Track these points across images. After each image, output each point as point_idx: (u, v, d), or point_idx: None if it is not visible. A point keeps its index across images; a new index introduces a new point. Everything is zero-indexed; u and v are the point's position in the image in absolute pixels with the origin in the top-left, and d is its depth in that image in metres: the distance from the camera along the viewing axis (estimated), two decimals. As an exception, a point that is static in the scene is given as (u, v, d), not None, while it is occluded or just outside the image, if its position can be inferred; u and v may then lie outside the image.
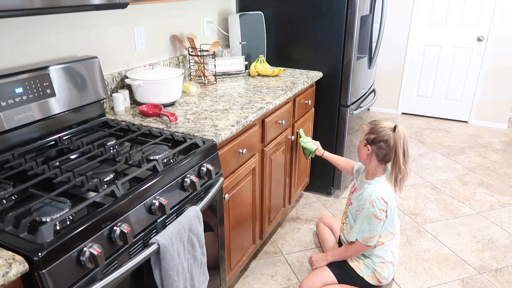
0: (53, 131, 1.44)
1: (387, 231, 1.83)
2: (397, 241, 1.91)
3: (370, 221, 1.75)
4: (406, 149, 1.73)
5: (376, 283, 1.88)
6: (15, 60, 1.42)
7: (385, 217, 1.75)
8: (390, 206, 1.75)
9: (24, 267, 0.82)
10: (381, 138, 1.74)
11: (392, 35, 4.42)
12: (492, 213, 2.68)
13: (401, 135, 1.71)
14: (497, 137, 4.00)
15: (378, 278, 1.87)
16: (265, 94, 2.05)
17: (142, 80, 1.74)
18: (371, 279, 1.87)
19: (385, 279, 1.88)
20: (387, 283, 1.92)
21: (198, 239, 1.31)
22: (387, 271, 1.86)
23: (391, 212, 1.77)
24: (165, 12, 2.10)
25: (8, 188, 1.09)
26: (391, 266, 1.87)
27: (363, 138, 1.83)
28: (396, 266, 1.93)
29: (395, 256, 1.89)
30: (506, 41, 3.97)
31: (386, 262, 1.86)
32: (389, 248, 1.86)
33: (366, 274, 1.86)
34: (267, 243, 2.37)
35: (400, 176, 1.75)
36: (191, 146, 1.41)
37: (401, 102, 4.66)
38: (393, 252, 1.88)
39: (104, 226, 0.99)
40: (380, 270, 1.86)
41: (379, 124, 1.78)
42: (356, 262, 1.89)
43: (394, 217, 1.84)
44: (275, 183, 2.23)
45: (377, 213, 1.73)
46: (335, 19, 2.44)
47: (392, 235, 1.86)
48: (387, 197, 1.75)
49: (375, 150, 1.77)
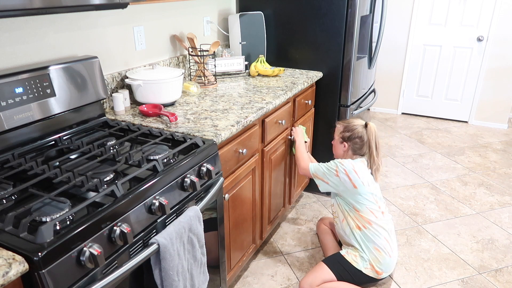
0: (53, 131, 1.44)
1: (366, 208, 1.90)
2: (388, 233, 1.92)
3: (330, 167, 1.95)
4: (377, 143, 1.97)
5: (375, 274, 1.89)
6: (15, 60, 1.42)
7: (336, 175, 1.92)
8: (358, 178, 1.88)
9: (24, 267, 0.82)
10: (356, 135, 1.97)
11: (392, 35, 4.42)
12: (492, 213, 2.68)
13: (373, 131, 1.95)
14: (497, 137, 4.00)
15: (376, 267, 1.88)
16: (265, 94, 2.05)
17: (142, 80, 1.74)
18: (369, 271, 1.89)
19: (383, 268, 1.89)
20: (385, 275, 1.92)
21: (198, 239, 1.31)
22: (383, 260, 1.88)
23: (361, 186, 1.88)
24: (165, 12, 2.10)
25: (8, 188, 1.09)
26: (388, 257, 1.89)
27: (338, 136, 2.04)
28: (394, 259, 1.94)
29: (392, 247, 1.91)
30: (506, 41, 3.97)
31: (381, 250, 1.88)
32: (382, 235, 1.89)
33: (364, 266, 1.89)
34: (267, 243, 2.37)
35: (374, 167, 1.99)
36: (191, 146, 1.41)
37: (401, 102, 4.66)
38: (388, 242, 1.90)
39: (104, 226, 0.99)
40: (376, 257, 1.88)
41: (352, 122, 2.01)
42: (352, 255, 1.92)
43: (367, 194, 1.90)
44: (275, 183, 2.23)
45: (339, 168, 1.91)
46: (335, 19, 2.44)
47: (372, 214, 1.90)
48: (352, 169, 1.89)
49: (351, 146, 2.00)
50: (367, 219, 1.90)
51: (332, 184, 1.94)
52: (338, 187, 1.93)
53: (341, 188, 1.92)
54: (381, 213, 1.92)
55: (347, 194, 1.92)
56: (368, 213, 1.90)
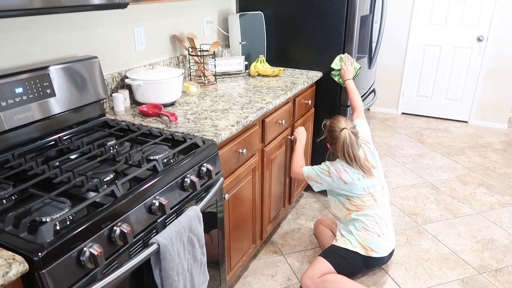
0: (53, 131, 1.44)
1: (358, 198, 1.97)
2: (379, 216, 1.97)
3: (322, 169, 2.01)
4: (349, 151, 1.92)
5: (366, 252, 1.95)
6: (15, 60, 1.42)
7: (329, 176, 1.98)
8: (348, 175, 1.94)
9: (24, 267, 0.82)
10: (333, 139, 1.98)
11: (392, 35, 4.42)
12: (492, 213, 2.68)
13: (341, 138, 1.92)
14: (497, 137, 4.00)
15: (365, 245, 1.94)
16: (265, 94, 2.05)
17: (142, 80, 1.74)
18: (359, 249, 1.95)
19: (373, 246, 1.94)
20: (378, 255, 1.96)
21: (198, 239, 1.31)
22: (371, 238, 1.94)
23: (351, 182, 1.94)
24: (165, 12, 2.10)
25: (8, 188, 1.09)
26: (376, 236, 1.95)
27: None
28: (386, 241, 1.97)
29: (381, 228, 1.96)
30: (506, 41, 3.97)
31: (368, 228, 1.95)
32: (371, 217, 1.96)
33: (353, 245, 1.96)
34: (267, 243, 2.37)
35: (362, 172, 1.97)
36: (191, 146, 1.41)
37: (401, 102, 4.66)
38: (378, 223, 1.96)
39: (104, 226, 0.99)
40: (364, 235, 1.94)
41: (333, 125, 1.99)
42: (342, 240, 2.00)
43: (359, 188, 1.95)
44: (275, 183, 2.23)
45: (330, 169, 1.98)
46: (335, 19, 2.44)
47: (363, 203, 1.96)
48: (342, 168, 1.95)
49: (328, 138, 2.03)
50: (359, 205, 1.97)
51: (325, 184, 2.02)
52: (332, 185, 2.01)
53: (334, 185, 2.00)
54: (374, 201, 1.98)
55: (340, 190, 2.00)
56: (359, 202, 1.98)
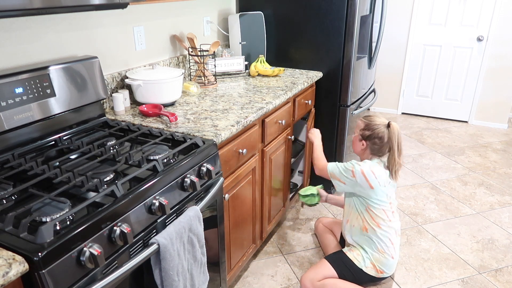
0: (53, 131, 1.44)
1: (379, 207, 1.85)
2: (395, 231, 1.89)
3: (347, 167, 1.87)
4: (399, 144, 1.84)
5: (376, 274, 1.88)
6: (15, 60, 1.42)
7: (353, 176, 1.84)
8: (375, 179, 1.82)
9: (24, 267, 0.82)
10: (376, 135, 1.84)
11: (392, 35, 4.42)
12: (492, 213, 2.68)
13: (395, 132, 1.82)
14: (497, 137, 4.00)
15: (378, 267, 1.86)
16: (265, 94, 2.05)
17: (142, 80, 1.74)
18: (370, 270, 1.87)
19: (385, 269, 1.87)
20: (387, 275, 1.91)
21: (198, 239, 1.31)
22: (386, 261, 1.86)
23: (378, 187, 1.82)
24: (165, 12, 2.10)
25: (8, 188, 1.09)
26: (390, 258, 1.87)
27: (357, 133, 1.92)
28: (397, 261, 1.92)
29: (395, 249, 1.89)
30: (506, 41, 3.97)
31: (384, 251, 1.86)
32: (387, 237, 1.86)
33: (365, 265, 1.87)
34: (267, 243, 2.37)
35: (395, 168, 1.87)
36: (191, 146, 1.41)
37: (401, 102, 4.66)
38: (393, 243, 1.87)
39: (104, 226, 0.99)
40: (379, 258, 1.86)
41: (374, 121, 1.87)
42: (354, 253, 1.90)
43: (382, 194, 1.85)
44: (275, 183, 2.23)
45: (356, 168, 1.83)
46: (335, 19, 2.44)
47: (384, 213, 1.85)
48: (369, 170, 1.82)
49: (369, 145, 1.87)
50: (378, 220, 1.85)
51: (348, 185, 1.89)
52: (355, 187, 1.87)
53: (358, 188, 1.87)
54: (392, 212, 1.88)
55: (362, 194, 1.87)
56: (381, 212, 1.86)
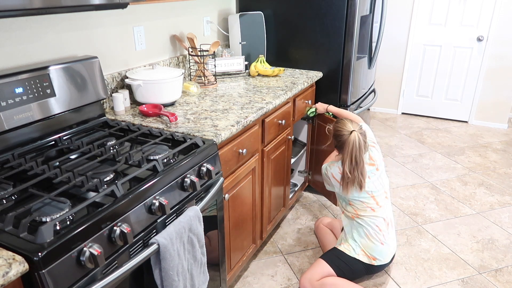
0: (53, 131, 1.44)
1: (361, 203, 1.91)
2: (383, 219, 1.93)
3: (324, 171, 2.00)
4: (356, 156, 1.80)
5: (369, 260, 1.92)
6: (15, 60, 1.42)
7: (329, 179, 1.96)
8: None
9: (24, 267, 0.82)
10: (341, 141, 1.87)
11: (392, 35, 4.42)
12: (492, 213, 2.68)
13: (351, 142, 1.80)
14: (497, 137, 4.00)
15: (369, 253, 1.91)
16: (265, 94, 2.05)
17: (142, 80, 1.74)
18: (362, 257, 1.92)
19: (376, 255, 1.91)
20: (381, 263, 1.94)
21: (198, 239, 1.31)
22: (374, 247, 1.91)
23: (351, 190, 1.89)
24: (165, 12, 2.10)
25: (8, 188, 1.09)
26: (380, 244, 1.91)
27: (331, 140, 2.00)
28: (389, 248, 1.94)
29: (385, 236, 1.92)
30: (506, 41, 3.97)
31: (371, 236, 1.91)
32: (374, 223, 1.91)
33: (356, 253, 1.92)
34: (267, 243, 2.37)
35: (346, 180, 1.85)
36: (191, 146, 1.41)
37: (401, 102, 4.66)
38: (381, 230, 1.91)
39: (104, 226, 0.99)
40: (367, 243, 1.91)
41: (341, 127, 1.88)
42: (344, 244, 1.97)
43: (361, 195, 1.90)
44: (275, 183, 2.23)
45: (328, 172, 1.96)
46: (335, 19, 2.44)
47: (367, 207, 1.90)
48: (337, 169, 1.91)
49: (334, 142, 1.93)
50: (361, 213, 1.93)
51: (331, 185, 1.99)
52: (335, 188, 1.98)
53: (336, 189, 1.98)
54: (376, 204, 1.92)
55: (342, 193, 1.96)
56: (363, 206, 1.93)
